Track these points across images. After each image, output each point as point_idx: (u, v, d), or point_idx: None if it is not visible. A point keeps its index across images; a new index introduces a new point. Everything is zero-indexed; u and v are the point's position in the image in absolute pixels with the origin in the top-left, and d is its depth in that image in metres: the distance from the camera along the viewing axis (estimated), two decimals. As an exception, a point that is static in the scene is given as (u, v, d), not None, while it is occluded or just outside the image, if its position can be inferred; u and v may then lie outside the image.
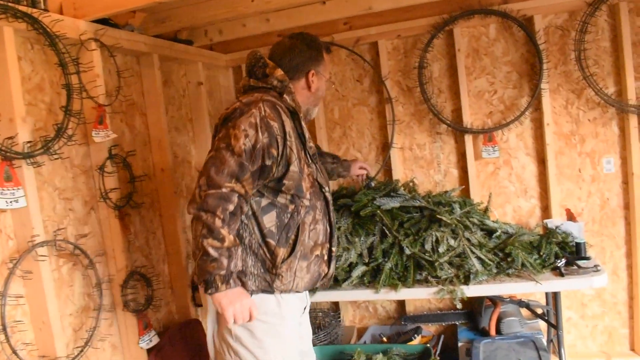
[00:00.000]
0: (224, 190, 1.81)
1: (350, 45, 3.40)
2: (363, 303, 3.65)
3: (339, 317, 3.54)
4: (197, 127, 3.39)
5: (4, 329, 1.94)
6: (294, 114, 2.02)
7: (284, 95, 2.02)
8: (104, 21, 2.54)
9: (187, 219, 3.22)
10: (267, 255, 1.96)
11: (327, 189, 2.16)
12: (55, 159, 2.20)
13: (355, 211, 2.82)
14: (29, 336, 2.11)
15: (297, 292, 2.06)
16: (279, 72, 2.04)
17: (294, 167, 1.95)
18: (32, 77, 2.28)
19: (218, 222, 1.78)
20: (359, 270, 2.71)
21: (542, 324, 3.19)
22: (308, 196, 2.02)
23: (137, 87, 2.90)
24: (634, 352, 3.22)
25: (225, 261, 1.80)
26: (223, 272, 1.80)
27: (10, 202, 2.02)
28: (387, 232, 2.77)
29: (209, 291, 1.82)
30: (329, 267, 2.15)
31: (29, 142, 2.08)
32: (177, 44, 3.12)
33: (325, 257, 2.12)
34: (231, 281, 1.82)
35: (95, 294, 2.41)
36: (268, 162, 1.88)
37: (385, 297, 2.64)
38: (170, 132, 3.12)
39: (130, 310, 2.52)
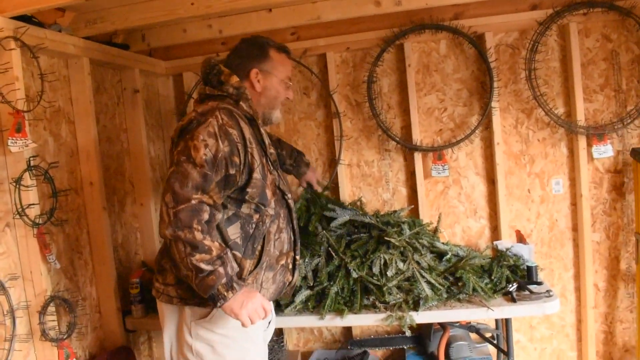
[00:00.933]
0: (193, 202, 1.75)
1: (297, 56, 3.25)
2: (308, 327, 3.47)
3: (282, 342, 3.35)
4: (133, 138, 3.15)
5: None
6: (252, 121, 1.98)
7: (240, 102, 1.98)
8: (27, 19, 2.30)
9: (118, 237, 2.98)
10: None
11: (289, 195, 2.12)
12: (-41, 170, 1.94)
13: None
14: None
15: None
16: (235, 79, 2.00)
17: (256, 175, 1.91)
18: (-63, 78, 2.02)
19: (198, 235, 1.73)
20: (303, 294, 2.55)
21: (492, 348, 3.10)
22: (272, 204, 1.99)
23: (64, 92, 2.65)
24: (582, 375, 3.18)
25: (221, 269, 1.74)
26: (224, 281, 1.74)
27: None
28: (333, 253, 2.63)
29: (219, 304, 1.75)
30: (293, 276, 2.14)
31: None
32: (110, 47, 2.89)
33: (290, 266, 2.10)
34: (234, 285, 1.76)
35: (8, 322, 2.14)
36: (232, 171, 1.84)
37: (330, 323, 2.49)
38: (102, 142, 2.88)
39: (49, 339, 2.26)
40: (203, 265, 1.72)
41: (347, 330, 3.38)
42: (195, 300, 1.90)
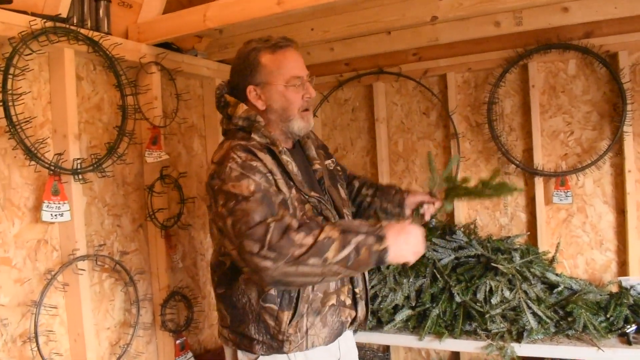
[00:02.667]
0: (272, 225, 1.48)
1: (417, 76, 3.28)
2: (413, 347, 3.44)
3: (388, 357, 3.37)
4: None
5: (36, 337, 1.98)
6: (270, 150, 1.69)
7: (252, 134, 1.69)
8: (167, 45, 2.62)
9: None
10: (270, 321, 1.66)
11: (336, 219, 1.79)
12: (103, 176, 2.26)
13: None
14: (64, 346, 2.16)
15: (316, 347, 1.73)
16: (241, 109, 1.72)
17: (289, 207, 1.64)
18: (91, 97, 2.38)
19: (308, 239, 1.47)
20: (404, 313, 2.57)
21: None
22: None
23: (197, 110, 2.96)
24: None
25: (354, 238, 1.48)
26: (370, 241, 1.49)
27: (55, 215, 2.09)
28: (439, 275, 2.61)
29: (386, 257, 1.50)
30: (356, 310, 1.81)
31: (78, 159, 2.15)
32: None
33: (348, 302, 1.79)
34: (380, 234, 1.50)
35: (134, 311, 2.44)
36: (282, 196, 1.61)
37: (428, 345, 2.47)
38: (229, 155, 3.14)
39: (168, 330, 2.52)
40: (342, 254, 1.47)
41: (455, 355, 3.30)
42: (244, 344, 1.72)
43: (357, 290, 1.80)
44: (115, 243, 2.43)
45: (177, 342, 2.55)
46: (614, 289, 2.70)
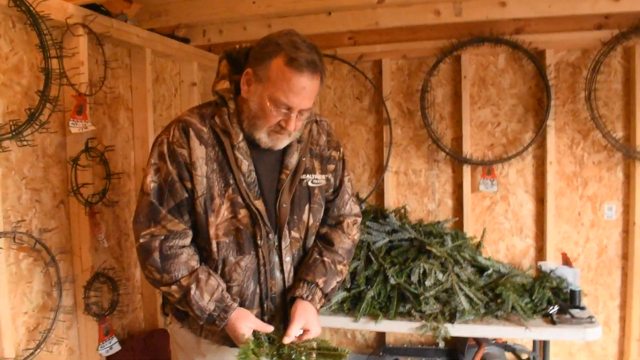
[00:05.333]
0: (141, 240, 1.57)
1: (353, 60, 3.27)
2: (342, 329, 3.47)
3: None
4: (187, 129, 3.24)
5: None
6: (219, 138, 1.60)
7: (214, 117, 1.61)
8: (95, 7, 2.41)
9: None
10: None
11: (272, 236, 1.64)
12: (24, 145, 2.05)
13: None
14: (-25, 334, 1.94)
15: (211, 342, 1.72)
16: (222, 85, 1.63)
17: (198, 207, 1.58)
18: (9, 57, 2.13)
19: (155, 276, 1.57)
20: (339, 296, 2.57)
21: (526, 371, 3.03)
22: (215, 247, 1.60)
23: (125, 80, 2.76)
24: (620, 409, 3.06)
25: (191, 311, 1.56)
26: (202, 322, 1.57)
27: (-31, 186, 1.86)
28: (373, 258, 2.63)
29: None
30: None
31: (-4, 124, 1.93)
32: (171, 40, 2.98)
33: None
34: (216, 320, 1.55)
35: (55, 293, 2.24)
36: (185, 195, 1.57)
37: (364, 327, 2.49)
38: (157, 131, 2.97)
39: (92, 314, 2.35)
40: (179, 307, 1.61)
41: (381, 336, 3.36)
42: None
43: (265, 317, 1.66)
44: (34, 220, 2.21)
45: (102, 326, 2.38)
46: (533, 273, 2.85)
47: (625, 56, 2.98)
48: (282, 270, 1.67)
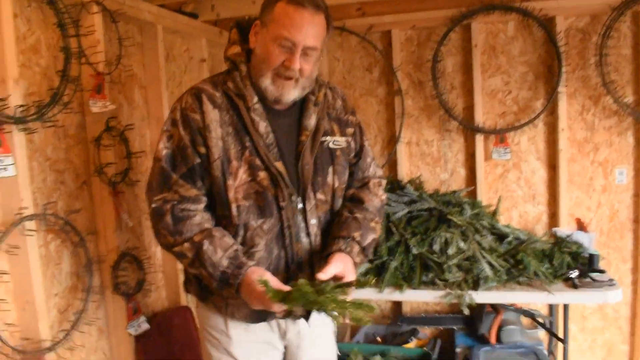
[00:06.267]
0: (153, 205, 1.57)
1: (362, 32, 3.25)
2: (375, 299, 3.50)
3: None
4: (197, 106, 3.22)
5: (-15, 308, 1.77)
6: (233, 102, 1.58)
7: (227, 82, 1.60)
8: (108, -16, 2.37)
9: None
10: None
11: (291, 200, 1.58)
12: (50, 126, 2.03)
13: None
14: (12, 316, 1.94)
15: (237, 319, 1.67)
16: (233, 50, 1.64)
17: (215, 172, 1.55)
18: (27, 37, 2.09)
19: (169, 239, 1.55)
20: (362, 267, 2.59)
21: (542, 334, 3.10)
22: (235, 211, 1.56)
23: (137, 58, 2.72)
24: (633, 368, 3.16)
25: (204, 271, 1.51)
26: (215, 284, 1.51)
27: (-2, 170, 1.84)
28: (394, 229, 2.65)
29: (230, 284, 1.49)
30: None
31: (21, 106, 1.90)
32: (181, 16, 2.94)
33: None
34: (230, 281, 1.48)
35: (85, 274, 2.24)
36: (198, 160, 1.55)
37: (389, 297, 2.53)
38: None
39: (120, 293, 2.36)
40: (191, 270, 1.57)
41: (397, 306, 3.41)
42: None
43: (292, 283, 1.52)
44: (59, 201, 2.20)
45: (130, 305, 2.39)
46: (547, 239, 2.89)
47: (634, 21, 2.99)
48: (307, 234, 1.62)
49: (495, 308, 2.94)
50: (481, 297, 2.41)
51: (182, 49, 3.16)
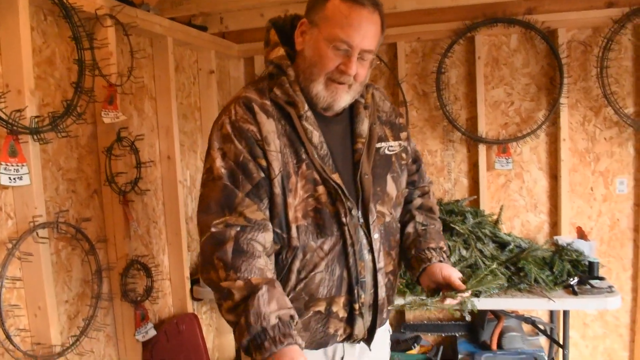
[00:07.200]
0: (213, 230, 1.34)
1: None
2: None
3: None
4: (205, 116, 3.29)
5: (0, 313, 1.82)
6: (286, 113, 1.44)
7: (275, 89, 1.44)
8: (120, -2, 2.44)
9: (189, 210, 3.11)
10: None
11: (352, 216, 1.44)
12: (64, 136, 2.09)
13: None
14: (24, 322, 2.00)
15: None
16: (277, 52, 1.47)
17: (275, 189, 1.39)
18: (43, 50, 2.17)
19: (220, 274, 1.31)
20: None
21: (543, 341, 3.14)
22: (295, 233, 1.41)
23: (148, 70, 2.79)
24: (634, 376, 3.19)
25: (243, 320, 1.25)
26: (247, 339, 1.23)
27: (14, 178, 1.90)
28: (397, 237, 2.69)
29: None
30: (351, 327, 1.48)
31: (37, 116, 1.97)
32: (191, 28, 3.01)
33: (342, 314, 1.47)
34: (265, 343, 1.22)
35: (94, 281, 2.30)
36: (262, 175, 1.39)
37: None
38: (178, 119, 3.01)
39: (129, 300, 2.42)
40: (229, 317, 1.31)
41: (400, 314, 3.46)
42: None
43: (356, 305, 1.46)
44: (71, 210, 2.26)
45: (138, 312, 2.45)
46: (550, 247, 2.94)
47: (635, 33, 3.04)
48: (370, 250, 1.48)
49: (497, 315, 2.98)
50: (483, 303, 2.45)
51: (192, 60, 3.24)
